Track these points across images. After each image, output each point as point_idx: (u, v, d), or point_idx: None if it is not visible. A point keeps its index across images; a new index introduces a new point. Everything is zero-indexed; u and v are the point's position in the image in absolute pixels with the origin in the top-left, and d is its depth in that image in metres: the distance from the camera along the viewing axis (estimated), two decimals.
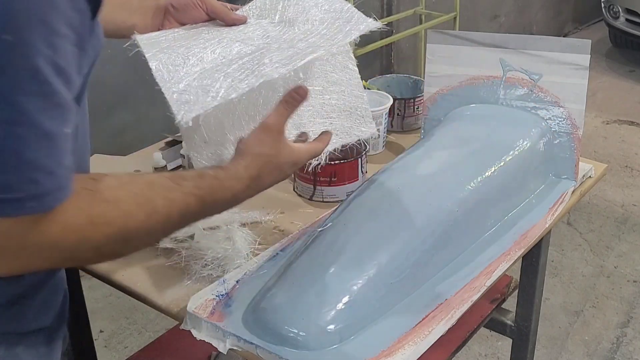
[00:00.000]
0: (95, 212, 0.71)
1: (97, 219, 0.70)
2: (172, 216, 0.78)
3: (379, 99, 1.52)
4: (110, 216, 0.72)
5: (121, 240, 0.73)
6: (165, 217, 0.77)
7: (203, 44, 0.98)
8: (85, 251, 0.72)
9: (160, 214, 0.76)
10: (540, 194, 1.29)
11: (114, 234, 0.72)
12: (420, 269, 1.05)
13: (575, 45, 1.30)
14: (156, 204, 0.76)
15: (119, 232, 0.72)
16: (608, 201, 3.14)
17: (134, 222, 0.74)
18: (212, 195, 0.83)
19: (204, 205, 0.82)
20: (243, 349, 0.94)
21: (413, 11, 3.75)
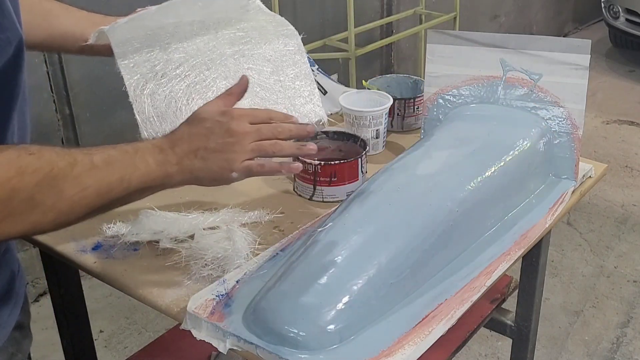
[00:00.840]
0: (23, 162, 0.76)
1: (24, 169, 0.75)
2: (96, 164, 0.82)
3: (379, 99, 1.52)
4: (36, 164, 0.76)
5: (50, 188, 0.77)
6: (89, 165, 0.81)
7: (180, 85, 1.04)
8: (19, 203, 0.75)
9: (83, 162, 0.81)
10: (540, 194, 1.29)
11: (42, 181, 0.76)
12: (420, 269, 1.05)
13: (575, 45, 1.30)
14: (76, 156, 0.81)
15: (45, 179, 0.77)
16: (608, 201, 3.15)
17: (59, 169, 0.78)
18: (131, 146, 0.87)
19: (127, 154, 0.86)
20: (243, 349, 0.94)
21: (413, 11, 3.76)
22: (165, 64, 1.03)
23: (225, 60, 1.07)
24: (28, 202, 0.76)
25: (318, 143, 1.40)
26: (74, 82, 2.44)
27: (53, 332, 1.53)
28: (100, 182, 0.83)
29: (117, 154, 0.85)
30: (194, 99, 1.03)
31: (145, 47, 1.03)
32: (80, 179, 0.80)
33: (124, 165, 0.85)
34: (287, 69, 1.13)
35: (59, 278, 1.35)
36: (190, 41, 1.06)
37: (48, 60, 2.34)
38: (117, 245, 1.16)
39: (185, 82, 1.04)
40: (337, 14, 3.40)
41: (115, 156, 0.85)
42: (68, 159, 0.80)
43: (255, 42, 1.12)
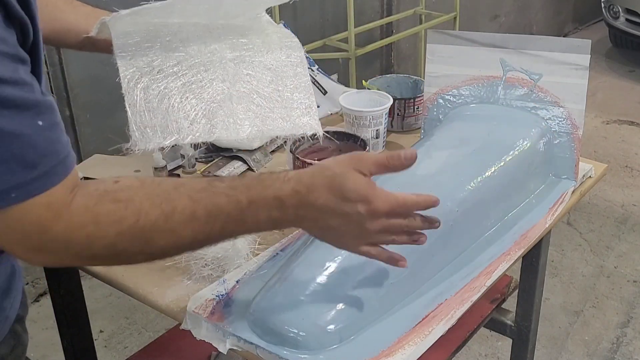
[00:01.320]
0: (102, 211, 0.73)
1: (102, 218, 0.73)
2: (197, 215, 0.76)
3: (379, 99, 1.52)
4: (118, 215, 0.73)
5: (137, 238, 0.75)
6: (189, 216, 0.76)
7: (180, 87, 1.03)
8: (100, 249, 0.74)
9: (182, 213, 0.76)
10: (540, 194, 1.29)
11: (127, 232, 0.74)
12: (420, 269, 1.05)
13: (575, 45, 1.30)
14: (177, 203, 0.76)
15: (130, 231, 0.74)
16: (608, 201, 3.14)
17: (147, 221, 0.74)
18: (247, 193, 0.78)
19: (239, 205, 0.77)
20: (243, 349, 0.94)
21: (413, 11, 3.75)
22: (164, 60, 1.02)
23: (225, 63, 1.07)
24: (110, 249, 0.74)
25: (318, 143, 1.40)
26: (74, 83, 2.44)
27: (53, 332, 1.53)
28: (197, 234, 0.78)
29: (226, 205, 0.77)
30: (187, 98, 1.03)
31: (146, 42, 1.02)
32: (175, 232, 0.76)
33: (228, 219, 0.78)
34: (287, 79, 1.13)
35: (59, 278, 1.35)
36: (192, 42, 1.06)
37: (48, 61, 2.34)
38: None
39: (181, 80, 1.03)
40: (337, 14, 3.40)
41: (224, 208, 0.77)
42: (165, 208, 0.75)
43: (258, 50, 1.11)
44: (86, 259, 0.77)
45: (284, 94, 1.11)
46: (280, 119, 1.09)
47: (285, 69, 1.13)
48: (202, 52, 1.07)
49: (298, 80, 1.14)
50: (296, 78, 1.14)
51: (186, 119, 1.01)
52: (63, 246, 0.73)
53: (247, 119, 1.04)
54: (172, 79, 1.03)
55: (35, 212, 0.70)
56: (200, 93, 1.04)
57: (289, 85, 1.12)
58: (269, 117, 1.08)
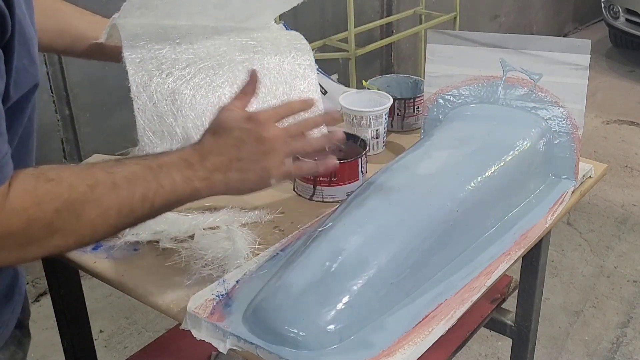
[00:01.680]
0: (41, 191, 0.74)
1: (42, 197, 0.74)
2: (118, 184, 0.79)
3: (379, 99, 1.52)
4: (54, 191, 0.75)
5: (71, 213, 0.76)
6: (111, 186, 0.79)
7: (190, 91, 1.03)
8: (38, 231, 0.74)
9: (105, 184, 0.78)
10: (540, 194, 1.29)
11: (61, 207, 0.75)
12: (420, 269, 1.05)
13: (575, 45, 1.30)
14: (97, 176, 0.79)
15: (64, 205, 0.75)
16: (608, 201, 3.15)
17: (77, 194, 0.76)
18: (157, 160, 0.83)
19: (151, 170, 0.82)
20: (243, 349, 0.94)
21: (413, 11, 3.76)
22: (173, 63, 1.01)
23: (234, 66, 1.06)
24: (47, 229, 0.75)
25: None
26: (73, 83, 2.44)
27: (53, 332, 1.53)
28: (121, 203, 0.80)
29: (140, 171, 0.82)
30: (196, 102, 1.02)
31: (155, 44, 1.01)
32: (101, 201, 0.78)
33: (147, 183, 0.82)
34: (296, 82, 1.12)
35: (59, 278, 1.35)
36: (201, 44, 1.05)
37: (48, 60, 2.34)
38: (117, 245, 1.16)
39: (190, 83, 1.02)
40: (337, 14, 3.40)
41: (138, 173, 0.81)
42: (88, 181, 0.78)
43: (267, 53, 1.11)
44: (18, 247, 0.75)
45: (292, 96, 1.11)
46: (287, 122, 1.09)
47: (294, 71, 1.13)
48: (211, 55, 1.06)
49: (307, 83, 1.14)
50: (305, 81, 1.14)
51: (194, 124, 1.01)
52: (2, 234, 0.72)
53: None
54: (180, 82, 1.02)
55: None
56: (208, 97, 1.03)
57: (297, 88, 1.12)
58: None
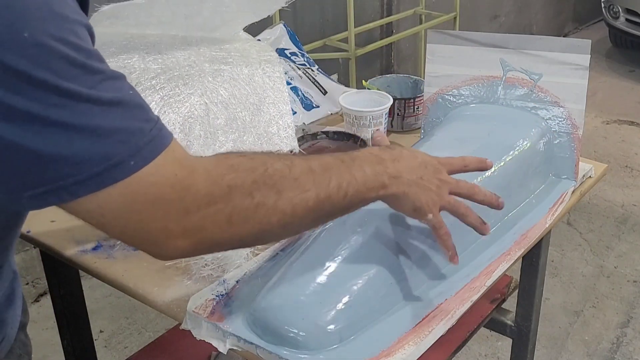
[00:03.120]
0: (234, 161, 0.74)
1: (237, 166, 0.73)
2: (313, 169, 0.80)
3: (379, 99, 1.52)
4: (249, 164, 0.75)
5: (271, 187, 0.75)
6: (307, 169, 0.79)
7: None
8: (241, 200, 0.73)
9: (301, 166, 0.79)
10: (540, 194, 1.29)
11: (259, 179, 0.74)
12: (421, 269, 1.05)
13: (575, 45, 1.30)
14: (293, 159, 0.80)
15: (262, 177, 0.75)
16: (608, 201, 3.15)
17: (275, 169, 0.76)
18: (347, 155, 0.85)
19: (344, 162, 0.83)
20: (243, 349, 0.94)
21: (413, 11, 3.76)
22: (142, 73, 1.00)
23: (203, 77, 1.05)
24: (248, 200, 0.73)
25: (318, 143, 1.40)
26: None
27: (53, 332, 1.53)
28: (318, 187, 0.80)
29: (332, 161, 0.83)
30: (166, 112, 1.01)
31: (124, 54, 1.00)
32: (299, 181, 0.78)
33: (341, 173, 0.82)
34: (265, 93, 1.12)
35: (59, 278, 1.35)
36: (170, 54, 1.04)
37: None
38: (117, 245, 1.16)
39: (159, 94, 1.01)
40: (337, 14, 3.40)
41: (332, 163, 0.82)
42: (284, 161, 0.78)
43: (236, 64, 1.10)
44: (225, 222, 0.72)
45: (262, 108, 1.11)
46: (257, 134, 1.09)
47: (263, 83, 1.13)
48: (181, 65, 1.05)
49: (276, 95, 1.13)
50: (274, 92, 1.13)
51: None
52: (205, 202, 0.70)
53: (225, 134, 1.03)
54: (149, 92, 1.01)
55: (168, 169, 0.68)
56: (178, 107, 1.02)
57: (266, 100, 1.12)
58: (246, 131, 1.07)
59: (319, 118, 1.63)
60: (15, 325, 0.91)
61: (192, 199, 0.70)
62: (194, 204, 0.70)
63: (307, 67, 1.68)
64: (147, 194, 0.67)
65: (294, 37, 1.63)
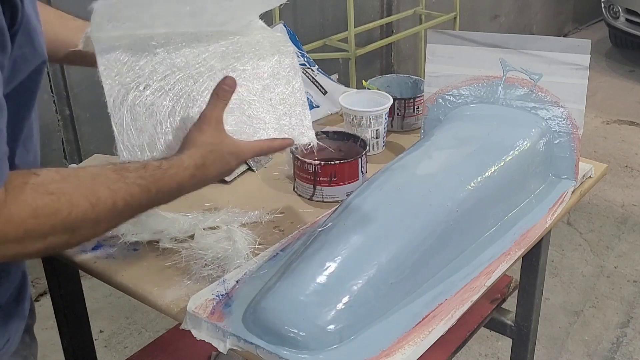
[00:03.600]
0: (39, 204, 0.74)
1: (41, 211, 0.74)
2: (117, 205, 0.81)
3: (379, 99, 1.52)
4: (54, 207, 0.75)
5: (67, 230, 0.77)
6: (111, 206, 0.80)
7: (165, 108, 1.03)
8: (33, 242, 0.75)
9: (105, 203, 0.80)
10: (540, 194, 1.29)
11: (59, 225, 0.75)
12: (420, 269, 1.05)
13: (575, 45, 1.30)
14: (100, 194, 0.79)
15: (63, 223, 0.76)
16: (608, 201, 3.14)
17: (78, 212, 0.77)
18: (156, 184, 0.86)
19: (149, 194, 0.86)
20: (243, 349, 0.94)
21: (413, 11, 3.75)
22: (150, 74, 0.99)
23: (214, 74, 1.04)
24: (41, 241, 0.76)
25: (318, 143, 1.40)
26: (74, 83, 2.44)
27: (53, 332, 1.53)
28: (113, 221, 0.84)
29: (138, 194, 0.84)
30: (176, 112, 1.00)
31: (132, 56, 0.99)
32: (98, 221, 0.80)
33: (140, 207, 0.86)
34: (279, 88, 1.10)
35: (59, 278, 1.35)
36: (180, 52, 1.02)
37: None
38: (117, 245, 1.16)
39: (169, 95, 1.00)
40: (337, 14, 3.40)
41: (136, 197, 0.84)
42: (91, 199, 0.78)
43: (249, 58, 1.08)
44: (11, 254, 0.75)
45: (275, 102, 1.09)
46: (273, 129, 1.08)
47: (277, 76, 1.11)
48: (191, 64, 1.03)
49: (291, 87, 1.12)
50: (289, 85, 1.12)
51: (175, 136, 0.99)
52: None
53: (237, 133, 1.02)
54: (159, 94, 1.00)
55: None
56: (188, 107, 1.02)
57: (280, 95, 1.10)
58: (260, 128, 1.06)
59: (319, 118, 1.63)
60: (21, 327, 0.91)
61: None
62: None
63: (307, 67, 1.68)
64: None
65: (294, 37, 1.63)
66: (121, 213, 0.83)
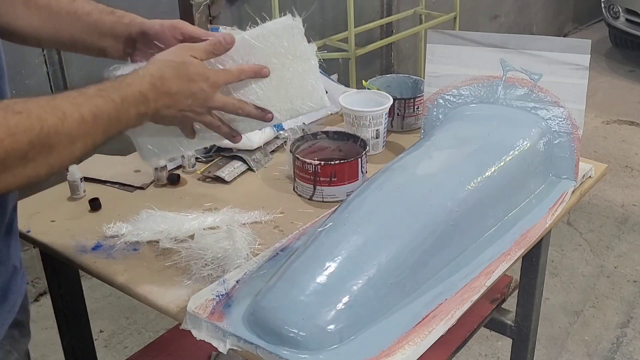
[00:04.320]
0: (12, 123, 0.75)
1: (14, 129, 0.75)
2: (85, 118, 0.82)
3: (379, 99, 1.52)
4: (26, 124, 0.76)
5: (44, 146, 0.78)
6: (79, 119, 0.81)
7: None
8: (13, 161, 0.75)
9: (72, 117, 0.80)
10: (540, 194, 1.29)
11: (36, 140, 0.76)
12: (420, 269, 1.05)
13: (575, 45, 1.30)
14: (65, 109, 0.80)
15: (38, 137, 0.76)
16: (608, 201, 3.14)
17: (50, 127, 0.78)
18: (117, 92, 0.86)
19: (115, 103, 0.85)
20: (243, 349, 0.94)
21: (413, 11, 3.76)
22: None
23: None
24: (22, 160, 0.76)
25: (318, 143, 1.40)
26: (74, 82, 2.44)
27: (53, 332, 1.53)
28: (87, 137, 0.83)
29: (103, 105, 0.84)
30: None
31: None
32: (70, 134, 0.80)
33: (110, 119, 0.85)
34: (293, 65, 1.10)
35: (59, 278, 1.35)
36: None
37: (48, 60, 2.34)
38: (117, 245, 1.16)
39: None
40: (337, 14, 3.40)
41: (102, 107, 0.84)
42: (57, 114, 0.79)
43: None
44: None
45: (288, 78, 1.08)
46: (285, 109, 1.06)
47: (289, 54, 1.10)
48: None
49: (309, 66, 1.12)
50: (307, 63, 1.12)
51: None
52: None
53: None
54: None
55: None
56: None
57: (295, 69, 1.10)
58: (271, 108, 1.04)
59: (319, 118, 1.63)
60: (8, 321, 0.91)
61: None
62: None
63: None
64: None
65: None
66: (93, 126, 0.83)
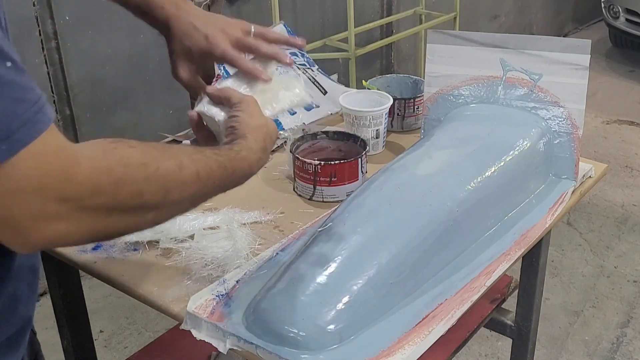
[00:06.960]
0: (125, 154, 0.70)
1: (128, 160, 0.70)
2: (200, 175, 0.79)
3: (379, 99, 1.52)
4: (141, 160, 0.71)
5: (160, 186, 0.73)
6: (195, 174, 0.78)
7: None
8: (127, 196, 0.69)
9: (189, 169, 0.77)
10: (540, 194, 1.29)
11: (151, 177, 0.71)
12: (420, 269, 1.05)
13: (575, 45, 1.30)
14: (183, 160, 0.77)
15: (154, 176, 0.72)
16: (608, 201, 3.14)
17: (167, 169, 0.74)
18: (230, 163, 0.85)
19: (226, 171, 0.84)
20: (243, 349, 0.94)
21: (413, 11, 3.75)
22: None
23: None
24: (136, 197, 0.70)
25: (318, 143, 1.40)
26: (74, 82, 2.44)
27: (53, 332, 1.53)
28: (196, 194, 0.80)
29: (217, 169, 0.82)
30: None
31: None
32: (186, 185, 0.77)
33: (219, 184, 0.83)
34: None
35: (59, 278, 1.35)
36: None
37: (48, 60, 2.34)
38: (117, 245, 1.16)
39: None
40: (337, 14, 3.40)
41: (216, 171, 0.82)
42: (175, 161, 0.75)
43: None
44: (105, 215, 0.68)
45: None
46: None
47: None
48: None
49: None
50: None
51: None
52: (89, 193, 0.65)
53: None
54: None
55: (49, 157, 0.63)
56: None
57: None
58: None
59: (319, 118, 1.63)
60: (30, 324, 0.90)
61: (75, 191, 0.65)
62: (76, 195, 0.65)
63: (307, 67, 1.68)
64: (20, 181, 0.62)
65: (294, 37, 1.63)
66: (204, 185, 0.80)
